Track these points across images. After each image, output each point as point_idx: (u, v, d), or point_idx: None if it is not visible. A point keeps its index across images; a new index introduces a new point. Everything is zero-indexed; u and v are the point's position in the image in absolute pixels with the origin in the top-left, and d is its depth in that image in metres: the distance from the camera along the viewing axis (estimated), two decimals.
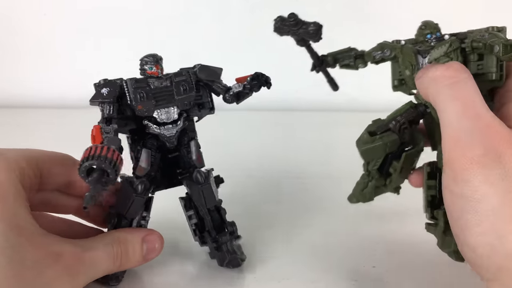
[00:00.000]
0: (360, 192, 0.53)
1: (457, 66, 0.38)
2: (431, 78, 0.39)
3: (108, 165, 0.37)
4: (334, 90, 0.52)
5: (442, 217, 0.45)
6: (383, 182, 0.52)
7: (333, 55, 0.51)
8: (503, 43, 0.37)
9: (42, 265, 0.37)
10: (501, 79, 0.41)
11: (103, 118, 0.44)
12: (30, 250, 0.37)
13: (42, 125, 1.06)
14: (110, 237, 0.45)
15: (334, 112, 0.63)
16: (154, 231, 0.49)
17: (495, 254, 0.34)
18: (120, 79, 0.47)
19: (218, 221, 0.50)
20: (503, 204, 0.34)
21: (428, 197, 0.47)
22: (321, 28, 0.46)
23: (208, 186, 0.48)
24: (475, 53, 0.41)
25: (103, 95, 0.45)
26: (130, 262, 0.46)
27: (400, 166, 0.49)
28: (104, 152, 0.38)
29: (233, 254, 0.49)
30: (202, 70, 0.48)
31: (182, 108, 0.47)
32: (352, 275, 0.49)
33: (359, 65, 0.49)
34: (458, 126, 0.36)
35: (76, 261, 0.40)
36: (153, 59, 0.46)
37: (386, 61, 0.48)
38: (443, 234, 0.45)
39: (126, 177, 0.48)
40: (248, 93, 0.48)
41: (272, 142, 0.97)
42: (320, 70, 0.52)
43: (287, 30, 0.47)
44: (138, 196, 0.47)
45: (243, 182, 0.75)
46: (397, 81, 0.48)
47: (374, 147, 0.48)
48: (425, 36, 0.44)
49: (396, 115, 0.49)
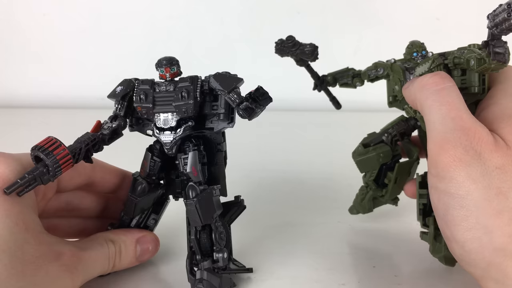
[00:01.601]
0: (359, 204, 0.57)
1: (443, 74, 0.41)
2: (419, 85, 0.42)
3: (51, 164, 0.39)
4: (337, 109, 0.58)
5: (432, 223, 0.47)
6: (380, 193, 0.55)
7: (333, 75, 0.56)
8: (477, 57, 0.40)
9: (43, 261, 0.38)
10: (483, 92, 0.43)
11: (112, 114, 0.46)
12: (33, 246, 0.38)
13: (42, 125, 1.06)
14: (105, 238, 0.46)
15: (334, 112, 0.63)
16: (150, 232, 0.50)
17: (483, 249, 0.35)
18: (136, 79, 0.47)
19: (206, 245, 0.45)
20: (485, 200, 0.35)
21: (420, 205, 0.50)
22: (316, 48, 0.50)
23: (192, 203, 0.43)
24: (458, 69, 0.44)
25: (115, 92, 0.46)
26: (123, 262, 0.47)
27: (394, 176, 0.52)
28: (53, 148, 0.39)
29: (201, 284, 0.43)
30: (216, 79, 0.44)
31: (181, 115, 0.44)
32: (353, 275, 0.49)
33: (357, 84, 0.54)
34: (441, 127, 0.38)
35: (76, 260, 0.41)
36: (164, 63, 0.45)
37: (380, 79, 0.52)
38: (433, 240, 0.47)
39: (136, 176, 0.48)
40: (255, 109, 0.43)
41: (272, 142, 0.97)
42: (321, 89, 0.56)
43: (286, 51, 0.51)
44: (131, 196, 0.47)
45: (242, 182, 0.75)
46: (392, 98, 0.52)
47: (368, 158, 0.52)
48: (412, 55, 0.48)
49: (388, 128, 0.53)
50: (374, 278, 0.49)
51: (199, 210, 0.43)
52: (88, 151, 0.43)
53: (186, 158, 0.45)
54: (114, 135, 0.45)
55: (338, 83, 0.56)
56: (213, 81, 0.44)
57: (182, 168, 0.45)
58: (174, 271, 0.50)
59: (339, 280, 0.48)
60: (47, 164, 0.39)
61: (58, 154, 0.39)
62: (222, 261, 0.45)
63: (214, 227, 0.45)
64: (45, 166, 0.39)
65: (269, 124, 1.05)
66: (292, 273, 0.50)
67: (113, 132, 0.45)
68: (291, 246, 0.56)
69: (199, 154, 0.45)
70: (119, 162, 0.53)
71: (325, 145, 0.56)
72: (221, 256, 0.44)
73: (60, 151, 0.39)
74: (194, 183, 0.44)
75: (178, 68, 0.46)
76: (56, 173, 0.39)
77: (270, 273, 0.50)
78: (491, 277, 0.36)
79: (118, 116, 0.46)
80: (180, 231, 0.50)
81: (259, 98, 0.43)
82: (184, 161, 0.45)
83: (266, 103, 0.43)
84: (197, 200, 0.43)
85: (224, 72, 0.45)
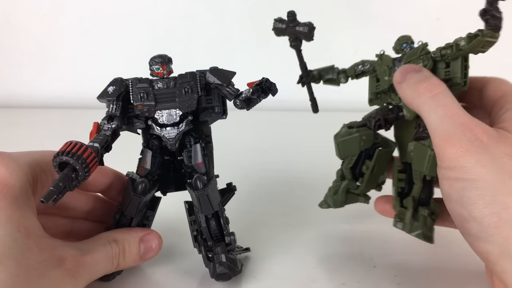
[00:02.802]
0: (331, 197, 0.55)
1: (435, 81, 0.44)
2: (414, 93, 0.44)
3: (81, 167, 0.38)
4: (314, 112, 0.58)
5: (411, 202, 0.49)
6: (354, 185, 0.54)
7: (318, 70, 0.56)
8: (468, 36, 0.43)
9: (46, 267, 0.38)
10: (465, 84, 0.46)
11: (106, 115, 0.46)
12: (36, 252, 0.37)
13: (42, 125, 1.06)
14: (108, 238, 0.45)
15: (334, 112, 0.63)
16: (152, 230, 0.49)
17: (502, 223, 0.37)
18: (128, 78, 0.47)
19: (216, 231, 0.48)
20: (499, 181, 0.38)
21: (398, 188, 0.51)
22: (314, 28, 0.51)
23: (204, 193, 0.46)
24: (443, 61, 0.46)
25: (108, 93, 0.46)
26: (127, 261, 0.46)
27: (372, 164, 0.52)
28: (80, 151, 0.39)
29: (222, 266, 0.46)
30: (212, 73, 0.46)
31: (184, 110, 0.46)
32: (353, 275, 0.49)
33: (341, 80, 0.56)
34: (442, 126, 0.41)
35: (78, 264, 0.40)
36: (160, 60, 0.46)
37: (366, 74, 0.54)
38: (412, 218, 0.48)
39: (132, 175, 0.48)
40: (256, 99, 0.46)
41: (271, 142, 0.97)
42: (306, 82, 0.57)
43: (284, 28, 0.51)
44: (135, 196, 0.47)
45: (242, 182, 0.75)
46: (373, 95, 0.54)
47: (350, 138, 0.52)
48: (401, 45, 0.50)
49: (372, 113, 0.53)
50: (374, 278, 0.49)
51: (210, 198, 0.46)
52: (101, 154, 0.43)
53: (190, 151, 0.47)
54: (113, 136, 0.45)
55: (322, 79, 0.57)
56: (210, 76, 0.46)
57: (187, 161, 0.47)
58: (174, 270, 0.50)
59: (338, 280, 0.48)
60: (77, 168, 0.38)
61: (88, 157, 0.39)
62: (234, 242, 0.48)
63: (220, 213, 0.48)
64: (74, 171, 0.38)
65: (269, 124, 1.05)
66: (292, 272, 0.50)
67: (113, 133, 0.45)
68: (290, 245, 0.56)
69: (201, 147, 0.47)
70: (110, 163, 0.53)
71: (325, 145, 0.56)
72: (233, 238, 0.48)
73: (88, 154, 0.39)
74: (201, 174, 0.46)
75: (171, 65, 0.47)
76: (86, 176, 0.39)
77: (269, 273, 0.50)
78: (509, 254, 0.37)
79: (115, 117, 0.45)
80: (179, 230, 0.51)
81: (270, 88, 0.45)
82: (189, 154, 0.47)
83: (276, 91, 0.46)
84: (209, 189, 0.46)
85: (218, 67, 0.47)
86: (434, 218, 0.48)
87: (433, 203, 0.49)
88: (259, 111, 0.48)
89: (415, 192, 0.49)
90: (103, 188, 0.51)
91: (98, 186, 0.50)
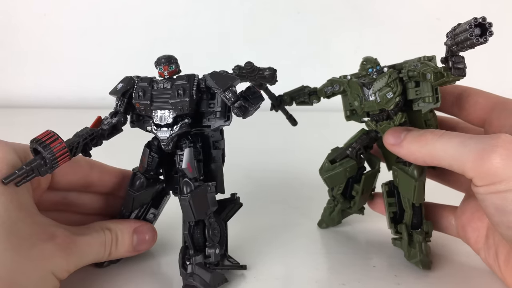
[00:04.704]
0: (328, 217, 0.58)
1: (435, 130, 0.44)
2: (420, 143, 0.44)
3: (47, 156, 0.40)
4: (293, 125, 0.58)
5: (405, 230, 0.50)
6: (348, 205, 0.56)
7: (289, 94, 0.56)
8: (433, 72, 0.41)
9: (37, 239, 0.39)
10: (437, 101, 0.45)
11: (113, 110, 0.47)
12: (28, 224, 0.39)
13: (42, 125, 1.05)
14: (102, 225, 0.47)
15: (334, 112, 0.63)
16: (147, 223, 0.50)
17: None
18: (137, 76, 0.48)
19: (199, 240, 0.46)
20: None
21: (390, 213, 0.52)
22: (275, 72, 0.49)
23: (185, 198, 0.44)
24: (412, 81, 0.46)
25: (116, 89, 0.47)
26: (119, 250, 0.47)
27: (361, 188, 0.54)
28: (49, 141, 0.40)
29: (191, 278, 0.44)
30: (212, 77, 0.45)
31: (177, 112, 0.45)
32: (353, 275, 0.49)
33: (313, 101, 0.55)
34: (464, 149, 0.40)
35: (69, 242, 0.42)
36: (162, 61, 0.46)
37: (337, 95, 0.53)
38: (408, 246, 0.50)
39: (135, 171, 0.49)
40: (247, 107, 0.44)
41: (272, 142, 0.97)
42: (278, 109, 0.56)
43: (246, 77, 0.49)
44: (130, 191, 0.48)
45: (242, 182, 0.75)
46: (349, 112, 0.54)
47: (335, 173, 0.53)
48: (367, 70, 0.49)
49: (351, 142, 0.53)
50: (374, 278, 0.49)
51: (192, 206, 0.44)
52: (86, 145, 0.44)
53: (182, 154, 0.46)
54: (113, 131, 0.46)
55: (295, 101, 0.56)
56: (209, 80, 0.45)
57: (178, 164, 0.46)
58: (172, 264, 0.50)
59: (339, 280, 0.48)
60: (44, 156, 0.40)
61: (55, 147, 0.40)
62: (214, 256, 0.45)
63: (207, 223, 0.46)
64: (42, 158, 0.40)
65: (269, 124, 1.05)
66: (292, 272, 0.50)
67: (113, 128, 0.46)
68: (291, 245, 0.56)
69: (194, 151, 0.46)
70: (119, 158, 0.54)
71: (325, 145, 0.56)
72: (213, 252, 0.45)
73: (56, 144, 0.40)
74: (189, 179, 0.45)
75: (176, 67, 0.46)
76: (53, 165, 0.40)
77: (270, 273, 0.50)
78: None
79: (118, 112, 0.47)
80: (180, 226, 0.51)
81: (250, 97, 0.44)
82: (180, 157, 0.46)
83: (257, 101, 0.45)
84: (190, 195, 0.44)
85: (221, 71, 0.46)
86: (429, 240, 0.50)
87: (424, 223, 0.50)
88: (261, 112, 0.48)
89: (407, 220, 0.50)
90: (111, 189, 0.52)
91: (107, 187, 0.51)
